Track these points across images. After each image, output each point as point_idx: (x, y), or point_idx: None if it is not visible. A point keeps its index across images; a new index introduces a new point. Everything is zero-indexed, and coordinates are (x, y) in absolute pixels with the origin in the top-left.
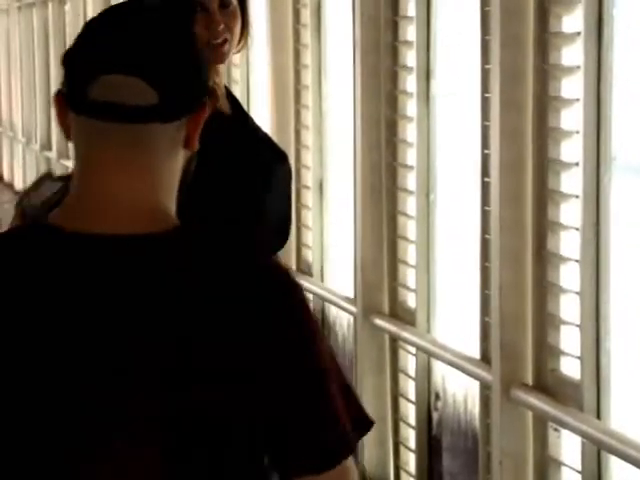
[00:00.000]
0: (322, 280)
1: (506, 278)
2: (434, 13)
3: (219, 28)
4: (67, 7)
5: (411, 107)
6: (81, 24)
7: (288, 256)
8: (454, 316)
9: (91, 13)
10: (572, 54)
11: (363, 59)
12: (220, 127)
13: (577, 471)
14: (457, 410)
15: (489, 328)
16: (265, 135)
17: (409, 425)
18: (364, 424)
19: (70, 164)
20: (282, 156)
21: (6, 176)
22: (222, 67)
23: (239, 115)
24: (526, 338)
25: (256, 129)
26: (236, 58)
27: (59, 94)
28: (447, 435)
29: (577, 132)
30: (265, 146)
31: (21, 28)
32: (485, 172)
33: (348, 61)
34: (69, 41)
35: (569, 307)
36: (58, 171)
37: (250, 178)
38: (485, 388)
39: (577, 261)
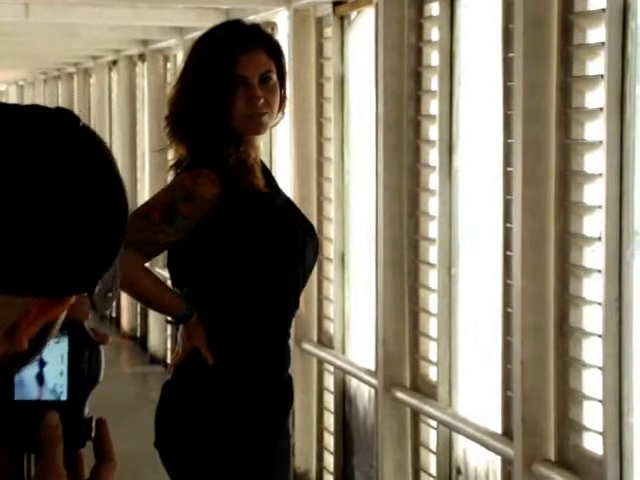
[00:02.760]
0: (343, 352)
1: (528, 352)
2: (457, 87)
3: (259, 103)
4: (92, 80)
5: (433, 180)
6: (106, 97)
7: (309, 328)
8: (476, 390)
9: (116, 85)
10: (594, 129)
11: (386, 132)
12: (257, 206)
13: None
14: None
15: (511, 402)
16: (295, 208)
17: None
18: None
19: None
20: (312, 229)
21: None
22: (259, 141)
23: (274, 192)
24: (548, 413)
25: (288, 203)
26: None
27: None
28: None
29: (599, 207)
30: (297, 221)
31: (46, 100)
32: (507, 246)
33: (371, 134)
34: (94, 113)
35: (591, 382)
36: None
37: (286, 256)
38: (507, 463)
39: (599, 336)
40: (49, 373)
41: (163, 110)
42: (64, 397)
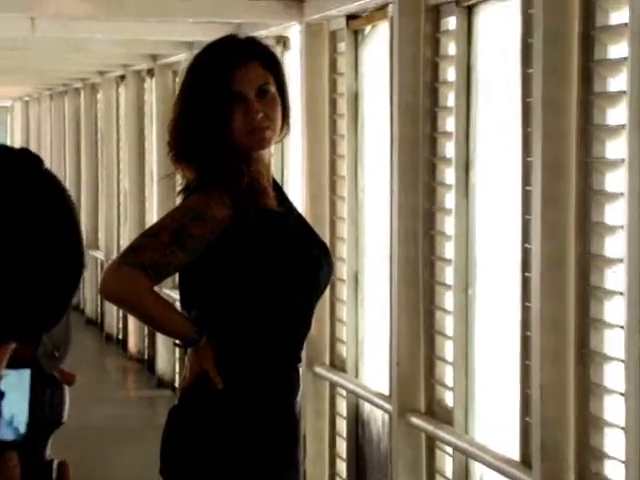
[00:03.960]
0: (356, 376)
1: (547, 377)
2: (474, 103)
3: (257, 117)
4: (99, 95)
5: (449, 199)
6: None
7: (321, 351)
8: (493, 416)
9: (123, 101)
10: (616, 147)
11: (401, 149)
12: (270, 226)
13: None
14: None
15: (530, 429)
16: (309, 227)
17: None
18: None
19: (98, 254)
20: (326, 249)
21: None
22: (266, 155)
23: (287, 210)
24: (568, 440)
25: (301, 221)
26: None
27: None
28: None
29: (621, 227)
30: (312, 241)
31: (52, 117)
32: (526, 267)
33: (385, 151)
34: (101, 129)
35: (613, 408)
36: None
37: (300, 277)
38: None
39: (621, 360)
40: (9, 407)
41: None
42: (23, 432)
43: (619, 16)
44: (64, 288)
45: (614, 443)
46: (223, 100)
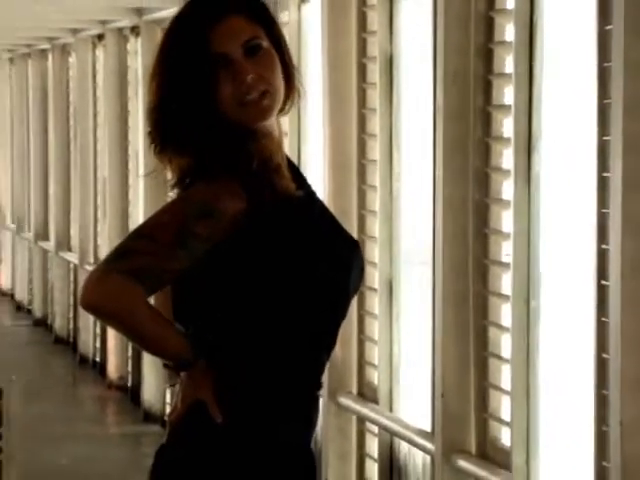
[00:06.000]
0: (391, 409)
1: (630, 411)
2: (538, 69)
3: (248, 78)
4: (72, 59)
5: (507, 188)
6: (89, 80)
7: (347, 376)
8: (560, 459)
9: (102, 66)
10: None
11: (447, 127)
12: (290, 216)
13: None
14: None
15: (608, 475)
16: (333, 217)
17: None
18: None
19: (71, 257)
20: (356, 245)
21: None
22: (275, 129)
23: (308, 196)
24: None
25: (325, 209)
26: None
27: None
28: None
29: None
30: (340, 234)
31: (13, 85)
32: (602, 273)
33: (427, 130)
34: (74, 101)
35: None
36: (56, 268)
37: (326, 280)
38: None
39: None
40: None
41: None
42: None
43: None
44: None
45: None
46: (204, 66)
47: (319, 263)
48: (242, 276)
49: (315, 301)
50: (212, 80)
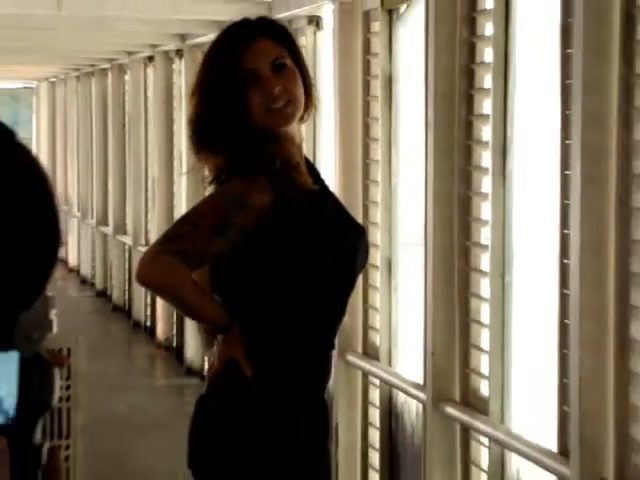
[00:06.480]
0: (390, 365)
1: (586, 367)
2: (511, 85)
3: (275, 90)
4: (127, 76)
5: (486, 183)
6: (142, 94)
7: (354, 338)
8: (530, 405)
9: (151, 82)
10: None
11: (436, 133)
12: (308, 207)
13: None
14: None
15: (568, 419)
16: (344, 208)
17: None
18: None
19: (126, 240)
20: (362, 231)
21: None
22: (296, 132)
23: (323, 190)
24: (608, 431)
25: (336, 202)
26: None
27: None
28: None
29: None
30: (349, 222)
31: (79, 98)
32: (564, 253)
33: (420, 135)
34: (129, 111)
35: None
36: (114, 248)
37: (338, 260)
38: None
39: None
40: None
41: None
42: (12, 416)
43: None
44: (41, 263)
45: None
46: (237, 82)
47: (332, 246)
48: (269, 257)
49: (328, 277)
50: (243, 92)
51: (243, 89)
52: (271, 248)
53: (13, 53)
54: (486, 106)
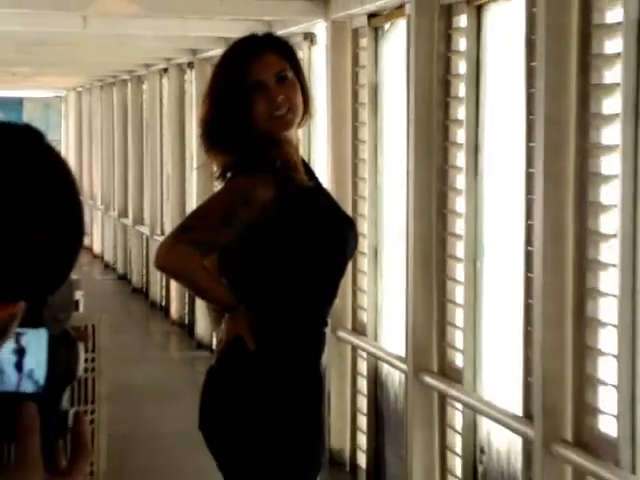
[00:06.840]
0: (376, 340)
1: (548, 341)
2: (482, 94)
3: (278, 99)
4: (145, 86)
5: (460, 180)
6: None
7: (344, 317)
8: (499, 375)
9: (166, 91)
10: (611, 133)
11: (416, 135)
12: (305, 201)
13: None
14: (501, 464)
15: (532, 387)
16: (336, 203)
17: (455, 477)
18: None
19: (144, 230)
20: (352, 223)
21: (86, 240)
22: (294, 136)
23: (317, 186)
24: (566, 397)
25: (329, 197)
26: (299, 133)
27: None
28: None
29: (615, 206)
30: (340, 215)
31: (102, 105)
32: (529, 241)
33: (402, 137)
34: (146, 117)
35: (607, 369)
36: (133, 237)
37: (331, 249)
38: (527, 443)
39: (614, 326)
40: (29, 362)
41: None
42: (42, 385)
43: (614, 15)
44: (67, 252)
45: (608, 400)
46: (245, 90)
47: (326, 237)
48: (271, 246)
49: (323, 265)
50: (249, 100)
51: (250, 97)
52: (273, 238)
53: (45, 66)
54: (460, 112)
